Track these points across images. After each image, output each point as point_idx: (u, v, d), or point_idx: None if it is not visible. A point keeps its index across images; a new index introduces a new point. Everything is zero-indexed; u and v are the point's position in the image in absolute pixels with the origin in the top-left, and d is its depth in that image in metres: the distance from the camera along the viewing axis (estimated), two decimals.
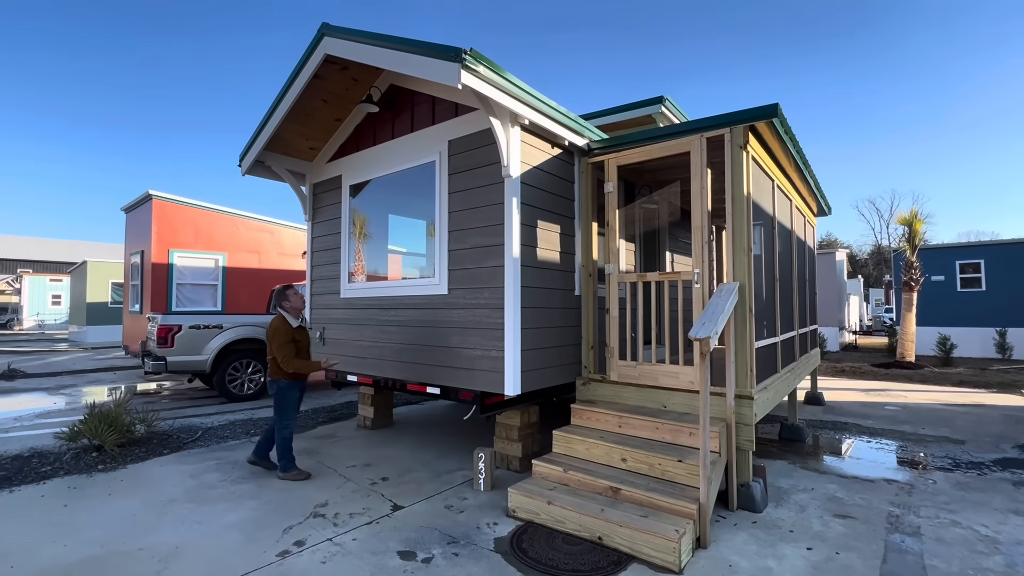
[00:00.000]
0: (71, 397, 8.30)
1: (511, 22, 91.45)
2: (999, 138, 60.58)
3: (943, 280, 14.69)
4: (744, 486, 3.70)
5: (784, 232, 5.31)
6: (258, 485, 4.18)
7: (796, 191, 5.99)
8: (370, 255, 5.71)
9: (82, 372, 11.33)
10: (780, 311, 4.98)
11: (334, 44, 4.55)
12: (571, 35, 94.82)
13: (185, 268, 10.06)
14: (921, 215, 13.12)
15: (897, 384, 9.68)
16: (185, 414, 6.87)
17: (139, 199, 10.49)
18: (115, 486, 4.15)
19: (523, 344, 4.18)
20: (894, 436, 5.85)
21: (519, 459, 4.51)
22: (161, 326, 7.39)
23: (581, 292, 4.87)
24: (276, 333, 4.29)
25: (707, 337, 3.11)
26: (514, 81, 3.91)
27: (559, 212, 4.73)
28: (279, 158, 5.91)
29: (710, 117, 4.06)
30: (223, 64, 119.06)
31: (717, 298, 3.59)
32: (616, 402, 4.44)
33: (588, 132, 4.80)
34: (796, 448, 5.37)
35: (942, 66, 61.59)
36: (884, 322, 25.94)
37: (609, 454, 3.81)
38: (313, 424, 6.35)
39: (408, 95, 5.16)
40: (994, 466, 4.74)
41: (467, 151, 4.53)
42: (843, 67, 69.18)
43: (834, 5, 64.51)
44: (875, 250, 45.91)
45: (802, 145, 4.83)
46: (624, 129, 6.62)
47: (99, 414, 5.02)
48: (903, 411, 7.21)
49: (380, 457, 4.95)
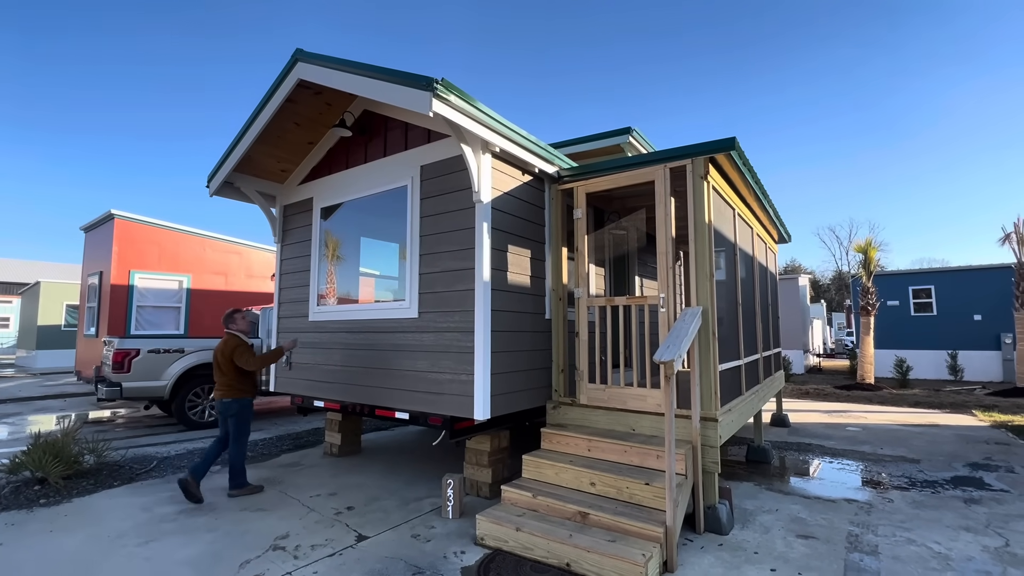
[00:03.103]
0: (14, 427, 7.80)
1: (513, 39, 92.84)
2: (952, 167, 64.52)
3: (898, 305, 15.42)
4: (710, 508, 3.74)
5: (746, 258, 5.52)
6: (215, 516, 4.00)
7: (757, 219, 6.25)
8: (341, 278, 5.66)
9: (29, 399, 10.69)
10: (743, 334, 5.13)
11: (308, 70, 4.59)
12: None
13: (147, 290, 9.71)
14: (876, 243, 13.88)
15: (858, 405, 10.00)
16: (140, 443, 6.54)
17: (100, 218, 10.15)
18: (58, 521, 3.90)
19: (493, 368, 4.18)
20: (855, 456, 6.02)
21: (489, 485, 4.46)
22: (117, 350, 7.08)
23: (552, 316, 4.93)
24: (239, 347, 4.54)
25: (671, 360, 3.19)
26: (485, 110, 4.01)
27: (530, 237, 4.81)
28: (249, 180, 5.85)
29: (673, 148, 4.24)
30: (201, 65, 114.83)
31: (681, 322, 3.70)
32: (586, 425, 4.46)
33: (558, 160, 4.94)
34: (762, 470, 5.46)
35: (889, 97, 65.70)
36: (846, 345, 26.88)
37: (578, 478, 3.81)
38: (277, 452, 6.13)
39: (381, 120, 5.22)
40: (947, 484, 4.93)
41: (439, 176, 4.59)
42: (798, 89, 72.73)
43: (789, 24, 67.90)
44: (836, 275, 47.86)
45: (761, 174, 5.08)
46: (593, 158, 6.83)
47: (44, 444, 4.74)
48: (863, 432, 7.44)
49: (346, 485, 4.80)
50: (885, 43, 62.79)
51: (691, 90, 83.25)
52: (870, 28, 62.52)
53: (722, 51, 76.77)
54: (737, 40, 73.77)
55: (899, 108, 64.82)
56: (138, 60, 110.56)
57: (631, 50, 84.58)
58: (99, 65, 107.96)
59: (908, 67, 63.36)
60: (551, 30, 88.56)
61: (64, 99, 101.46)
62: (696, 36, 77.17)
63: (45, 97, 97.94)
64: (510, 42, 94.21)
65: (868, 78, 67.13)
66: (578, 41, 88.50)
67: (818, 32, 66.37)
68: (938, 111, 63.83)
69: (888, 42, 62.86)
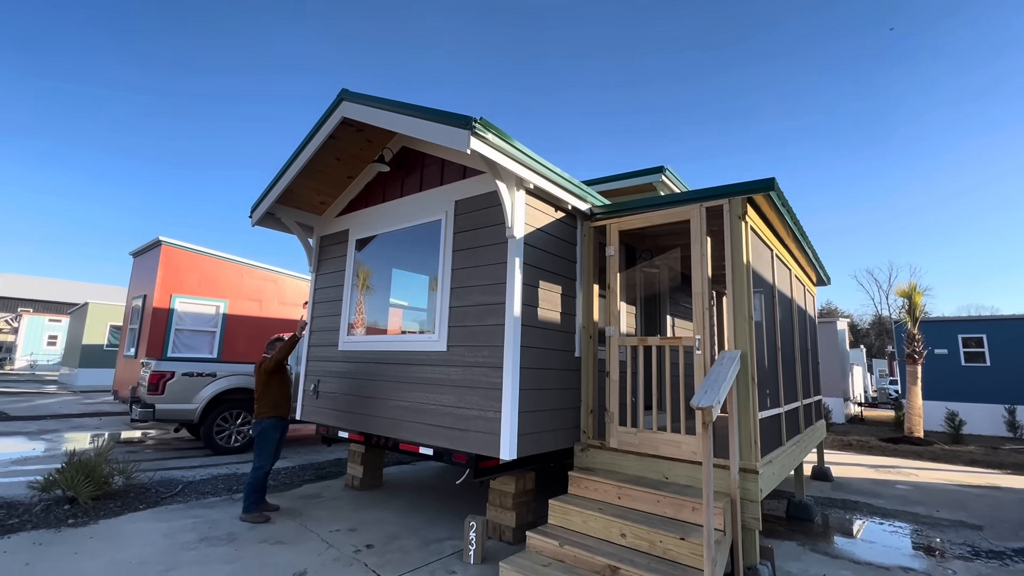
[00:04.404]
0: (51, 443, 8.02)
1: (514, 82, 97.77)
2: (999, 212, 62.00)
3: (946, 354, 14.57)
4: (751, 569, 3.47)
5: (784, 300, 5.33)
6: (235, 547, 3.94)
7: (795, 260, 6.07)
8: (371, 309, 5.72)
9: (67, 416, 11.03)
10: (783, 380, 4.89)
11: (352, 108, 4.80)
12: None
13: (185, 314, 10.04)
14: (920, 288, 13.24)
15: (907, 461, 9.33)
16: (167, 466, 6.61)
17: (148, 244, 10.66)
18: (83, 544, 3.91)
19: (521, 406, 4.08)
20: (908, 518, 5.56)
21: (512, 529, 4.27)
22: (154, 372, 7.27)
23: (581, 354, 4.82)
24: (265, 358, 4.93)
25: (710, 406, 3.04)
26: (521, 148, 4.08)
27: (561, 273, 4.77)
28: (290, 211, 6.07)
29: (709, 188, 4.20)
30: (248, 104, 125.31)
31: (719, 365, 3.55)
32: (615, 471, 4.26)
33: (591, 197, 4.95)
34: (805, 528, 5.09)
35: (930, 137, 64.30)
36: (889, 394, 25.44)
37: (608, 528, 3.61)
38: (299, 482, 6.08)
39: (419, 156, 5.37)
40: (1016, 556, 4.47)
41: (473, 211, 4.65)
42: (837, 137, 72.30)
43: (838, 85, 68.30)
44: (876, 320, 45.89)
45: (799, 215, 4.96)
46: (624, 196, 6.83)
47: (77, 463, 4.83)
48: (915, 491, 6.90)
49: (366, 521, 4.69)
50: (938, 90, 61.73)
51: (719, 133, 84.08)
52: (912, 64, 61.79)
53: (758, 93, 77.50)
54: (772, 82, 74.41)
55: (934, 147, 63.43)
56: (191, 95, 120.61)
57: (665, 92, 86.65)
58: (158, 99, 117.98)
59: (945, 106, 62.22)
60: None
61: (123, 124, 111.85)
62: (723, 82, 78.35)
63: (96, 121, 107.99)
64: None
65: (898, 123, 66.23)
66: (619, 83, 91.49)
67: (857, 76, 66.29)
68: (976, 151, 62.01)
69: (939, 88, 61.85)
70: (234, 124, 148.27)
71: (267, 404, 4.78)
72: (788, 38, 71.90)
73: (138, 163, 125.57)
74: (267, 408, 4.77)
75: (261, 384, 4.81)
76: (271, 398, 4.79)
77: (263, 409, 4.77)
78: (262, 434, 4.72)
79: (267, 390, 4.79)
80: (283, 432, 4.89)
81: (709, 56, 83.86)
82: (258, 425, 4.75)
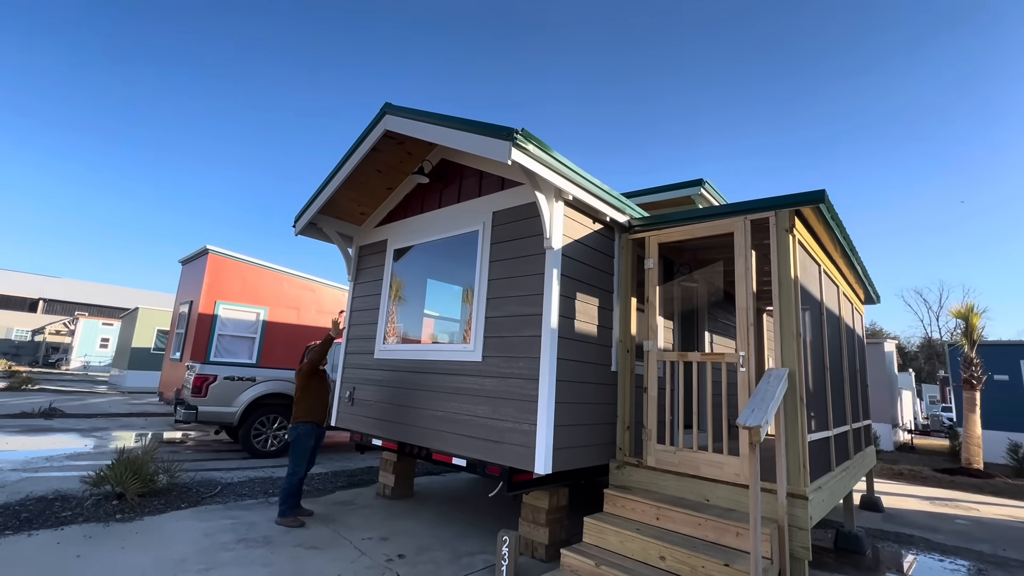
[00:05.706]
0: (101, 440, 8.39)
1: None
2: None
3: (1007, 380, 13.60)
4: None
5: (832, 318, 5.10)
6: (270, 550, 3.99)
7: (843, 277, 5.82)
8: (406, 318, 5.78)
9: (116, 416, 11.56)
10: (832, 402, 4.66)
11: (394, 121, 4.91)
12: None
13: (228, 320, 10.42)
14: (977, 308, 12.46)
15: (966, 494, 8.70)
16: (207, 467, 6.80)
17: (196, 252, 11.17)
18: (129, 539, 4.04)
19: (557, 419, 4.01)
20: (970, 556, 5.15)
21: (545, 546, 4.18)
22: (198, 375, 7.54)
23: (618, 368, 4.72)
24: (308, 361, 4.97)
25: (758, 426, 2.91)
26: (560, 159, 4.08)
27: (598, 286, 4.71)
28: (331, 221, 6.24)
29: (755, 200, 4.08)
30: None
31: (766, 384, 3.40)
32: (653, 490, 4.13)
33: (629, 210, 4.89)
34: (855, 560, 4.78)
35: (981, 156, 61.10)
36: (943, 422, 23.90)
37: (646, 550, 3.48)
38: (332, 488, 6.14)
39: (457, 168, 5.44)
40: None
41: (511, 222, 4.66)
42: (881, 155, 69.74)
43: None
44: (925, 343, 43.45)
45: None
46: (662, 208, 6.73)
47: (126, 461, 5.02)
48: (977, 527, 6.41)
49: (398, 530, 4.68)
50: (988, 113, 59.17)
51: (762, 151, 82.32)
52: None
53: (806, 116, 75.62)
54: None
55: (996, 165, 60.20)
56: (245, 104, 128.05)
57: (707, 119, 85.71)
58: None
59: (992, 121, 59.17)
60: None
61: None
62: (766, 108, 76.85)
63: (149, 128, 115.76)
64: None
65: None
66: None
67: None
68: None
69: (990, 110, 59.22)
70: None
71: (303, 408, 4.85)
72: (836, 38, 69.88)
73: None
74: (302, 412, 4.83)
75: (300, 388, 4.89)
76: (307, 403, 4.86)
77: (299, 413, 4.83)
78: (297, 440, 4.75)
79: (304, 395, 4.87)
80: (319, 439, 4.93)
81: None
82: (293, 430, 4.78)
